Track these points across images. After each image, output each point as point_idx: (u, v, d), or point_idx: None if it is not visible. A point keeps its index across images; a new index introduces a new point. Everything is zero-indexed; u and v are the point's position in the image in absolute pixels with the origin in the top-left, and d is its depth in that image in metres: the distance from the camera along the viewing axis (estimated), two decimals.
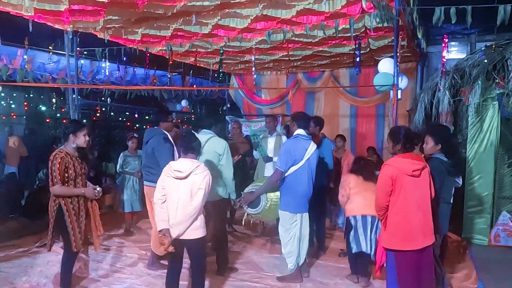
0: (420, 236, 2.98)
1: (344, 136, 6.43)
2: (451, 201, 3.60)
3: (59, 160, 3.34)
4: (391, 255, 3.09)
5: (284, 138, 5.68)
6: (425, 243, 3.00)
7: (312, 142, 4.05)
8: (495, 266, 4.50)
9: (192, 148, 3.27)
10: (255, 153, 5.79)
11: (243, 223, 4.06)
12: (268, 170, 5.46)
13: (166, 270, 3.49)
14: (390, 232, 3.05)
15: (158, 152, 4.18)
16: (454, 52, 8.13)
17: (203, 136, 4.18)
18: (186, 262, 3.47)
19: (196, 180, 3.14)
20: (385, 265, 4.35)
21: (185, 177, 3.13)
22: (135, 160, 6.01)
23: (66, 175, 3.40)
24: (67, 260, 3.60)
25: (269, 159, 5.49)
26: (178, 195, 3.15)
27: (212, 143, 4.10)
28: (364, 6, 4.08)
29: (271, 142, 5.61)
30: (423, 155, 3.43)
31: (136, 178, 5.95)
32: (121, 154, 6.02)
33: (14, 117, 9.97)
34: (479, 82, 5.15)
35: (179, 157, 4.20)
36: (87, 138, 3.55)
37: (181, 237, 3.16)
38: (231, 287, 4.05)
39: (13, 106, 10.10)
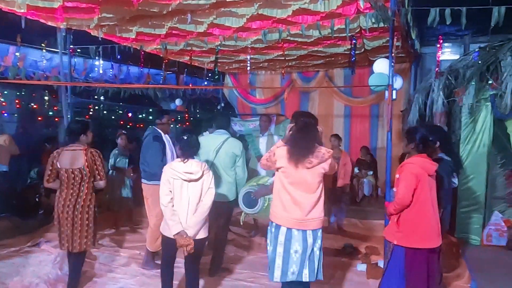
0: (435, 235, 3.04)
1: (339, 135, 6.37)
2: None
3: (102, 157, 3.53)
4: (401, 251, 3.08)
5: (276, 137, 5.68)
6: (438, 242, 3.07)
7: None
8: (487, 266, 4.54)
9: (196, 151, 3.27)
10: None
11: (241, 222, 4.05)
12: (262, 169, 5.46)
13: (160, 270, 3.47)
14: (407, 230, 3.05)
15: (146, 150, 4.30)
16: (447, 53, 8.20)
17: (219, 136, 4.17)
18: (179, 261, 3.46)
19: (206, 180, 3.18)
20: (378, 263, 4.39)
21: (198, 179, 3.15)
22: (126, 158, 6.01)
23: None
24: (83, 258, 3.69)
25: None
26: (188, 196, 3.15)
27: (229, 144, 4.11)
28: (361, 6, 4.08)
29: (262, 142, 5.61)
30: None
31: (127, 178, 5.93)
32: (112, 152, 6.01)
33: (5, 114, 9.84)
34: (473, 83, 5.19)
35: (177, 157, 4.21)
36: (92, 134, 3.70)
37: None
38: (226, 287, 4.04)
39: (4, 104, 9.97)
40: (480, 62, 5.18)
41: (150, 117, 12.42)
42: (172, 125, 6.25)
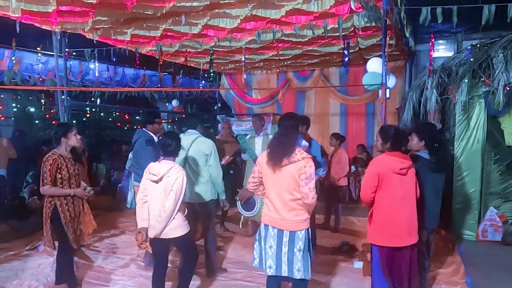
0: (405, 233, 3.03)
1: (338, 134, 6.27)
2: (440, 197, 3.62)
3: (51, 162, 3.46)
4: (376, 250, 3.14)
5: (271, 137, 5.68)
6: (410, 241, 3.06)
7: (304, 140, 4.13)
8: (482, 261, 4.59)
9: (168, 151, 3.26)
10: (243, 155, 5.79)
11: (240, 226, 4.07)
12: None
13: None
14: (376, 228, 3.12)
15: (139, 154, 4.27)
16: (441, 50, 8.24)
17: (189, 136, 4.18)
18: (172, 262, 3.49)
19: (169, 182, 3.15)
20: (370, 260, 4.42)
21: (158, 181, 3.17)
22: None
23: (60, 176, 3.50)
24: (66, 260, 3.68)
25: None
26: (155, 197, 3.21)
27: (198, 144, 4.10)
28: (352, 7, 4.12)
29: (258, 142, 5.60)
30: (409, 153, 3.47)
31: None
32: (131, 153, 6.07)
33: (2, 118, 9.85)
34: (466, 80, 5.23)
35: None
36: (78, 136, 3.69)
37: (162, 237, 3.21)
38: (224, 286, 4.07)
39: (0, 107, 9.97)
40: (472, 59, 5.21)
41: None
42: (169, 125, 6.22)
